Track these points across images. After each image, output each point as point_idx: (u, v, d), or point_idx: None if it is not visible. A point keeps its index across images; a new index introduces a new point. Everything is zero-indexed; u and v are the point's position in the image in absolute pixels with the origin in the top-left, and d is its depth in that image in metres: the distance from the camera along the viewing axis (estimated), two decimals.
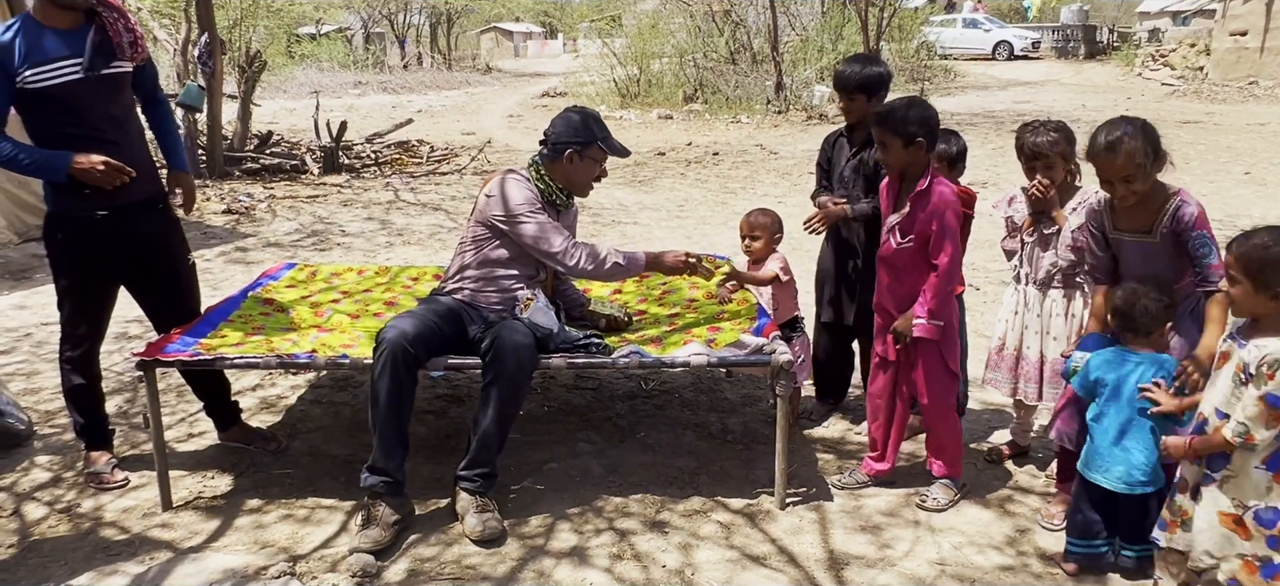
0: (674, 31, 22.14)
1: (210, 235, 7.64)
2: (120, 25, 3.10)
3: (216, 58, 9.49)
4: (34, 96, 2.95)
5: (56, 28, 2.98)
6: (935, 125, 2.95)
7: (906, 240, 2.96)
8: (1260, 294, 2.21)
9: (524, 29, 53.47)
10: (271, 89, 24.44)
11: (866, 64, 3.52)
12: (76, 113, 3.01)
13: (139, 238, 3.23)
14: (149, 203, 3.28)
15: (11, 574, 2.75)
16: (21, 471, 3.44)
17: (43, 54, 2.93)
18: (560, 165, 3.23)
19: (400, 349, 2.83)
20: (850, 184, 3.57)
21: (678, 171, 11.03)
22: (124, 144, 3.14)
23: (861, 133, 3.55)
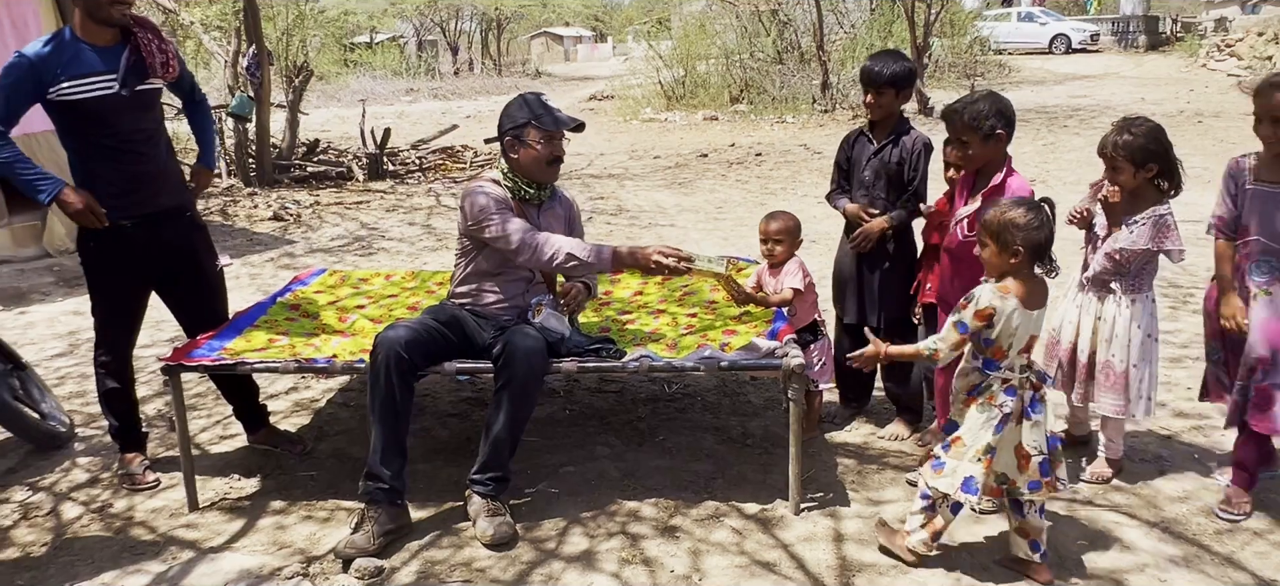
0: (720, 32, 22.08)
1: (257, 241, 7.84)
2: (154, 45, 3.21)
3: (264, 69, 9.74)
4: (69, 108, 3.07)
5: (94, 44, 3.09)
6: (1012, 115, 2.94)
7: (974, 233, 2.91)
8: (1002, 254, 2.51)
9: (574, 33, 53.80)
10: (325, 97, 24.99)
11: (895, 59, 3.45)
12: (109, 125, 3.12)
13: (166, 245, 3.33)
14: (176, 212, 3.38)
15: (42, 571, 2.85)
16: (61, 472, 3.57)
17: (80, 68, 3.04)
18: (512, 159, 3.20)
19: (393, 356, 2.85)
20: (871, 185, 3.51)
21: (719, 173, 10.99)
22: (151, 155, 3.26)
23: (884, 130, 3.50)
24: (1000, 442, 2.56)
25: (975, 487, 2.56)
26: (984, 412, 2.57)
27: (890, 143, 3.48)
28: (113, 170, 3.15)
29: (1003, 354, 2.55)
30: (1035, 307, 2.54)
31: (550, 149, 3.15)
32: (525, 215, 3.20)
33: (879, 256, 3.52)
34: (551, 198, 3.31)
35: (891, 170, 3.48)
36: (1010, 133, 2.98)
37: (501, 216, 3.10)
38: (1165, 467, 3.32)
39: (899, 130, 3.49)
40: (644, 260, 3.04)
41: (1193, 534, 2.89)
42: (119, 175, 3.16)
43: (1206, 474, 3.26)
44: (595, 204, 9.17)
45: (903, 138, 3.47)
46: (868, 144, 3.57)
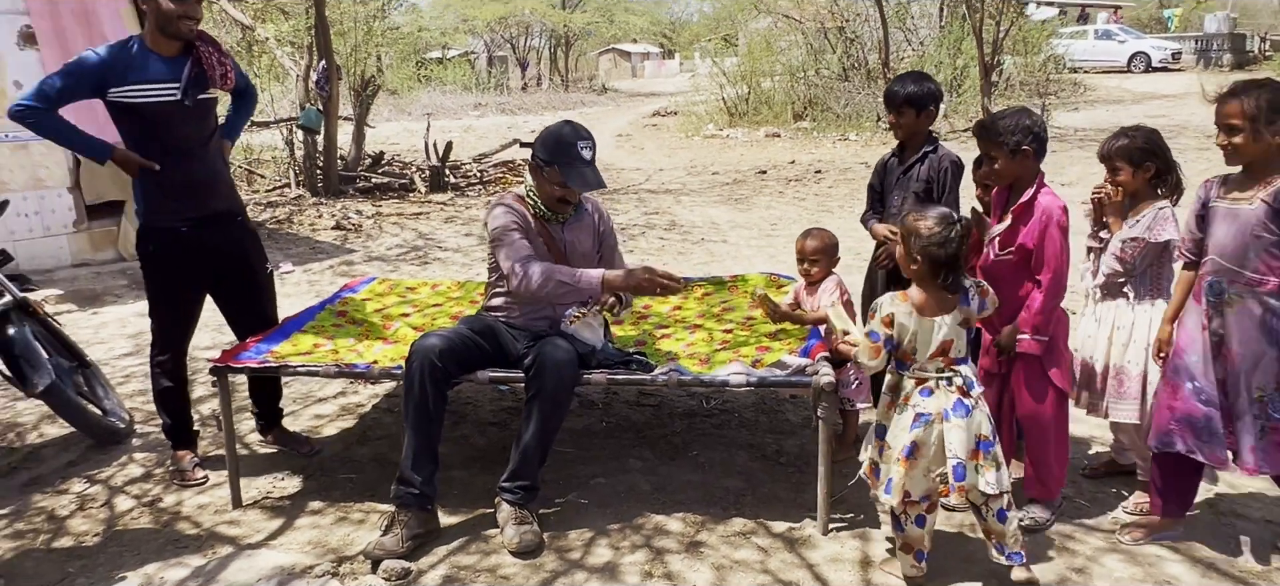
0: (786, 49, 22.01)
1: (319, 249, 8.07)
2: (214, 58, 3.37)
3: (333, 83, 10.04)
4: (130, 110, 3.25)
5: (161, 54, 3.27)
6: (1041, 133, 2.91)
7: (1005, 252, 2.92)
8: (904, 258, 2.63)
9: (641, 49, 54.15)
10: (396, 111, 25.61)
11: (915, 80, 3.47)
12: (167, 129, 3.29)
13: (218, 248, 3.48)
14: (228, 215, 3.53)
15: (92, 559, 2.98)
16: (118, 466, 3.72)
17: (145, 74, 3.23)
18: (537, 180, 3.23)
19: (428, 364, 2.91)
20: (899, 207, 3.49)
21: (776, 190, 10.94)
22: (204, 158, 3.42)
23: (911, 150, 3.50)
24: (924, 443, 2.58)
25: (892, 489, 2.62)
26: (902, 414, 2.64)
27: (918, 162, 3.48)
28: (171, 174, 3.31)
29: (910, 357, 2.62)
30: (933, 314, 2.59)
31: (565, 193, 3.19)
32: (546, 231, 3.24)
33: (897, 275, 3.48)
34: (577, 213, 3.34)
35: (919, 189, 3.46)
36: (1038, 150, 2.91)
37: (508, 239, 3.14)
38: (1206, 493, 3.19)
39: (927, 150, 3.48)
40: (635, 281, 3.09)
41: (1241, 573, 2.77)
42: (177, 179, 3.32)
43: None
44: (649, 219, 9.21)
45: (930, 156, 3.46)
46: (896, 165, 3.58)
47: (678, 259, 7.40)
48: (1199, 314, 2.74)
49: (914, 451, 2.60)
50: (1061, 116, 17.32)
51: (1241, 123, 2.57)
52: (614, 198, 10.58)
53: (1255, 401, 2.66)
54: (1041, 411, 2.98)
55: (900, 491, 2.61)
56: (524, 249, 3.12)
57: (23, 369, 3.61)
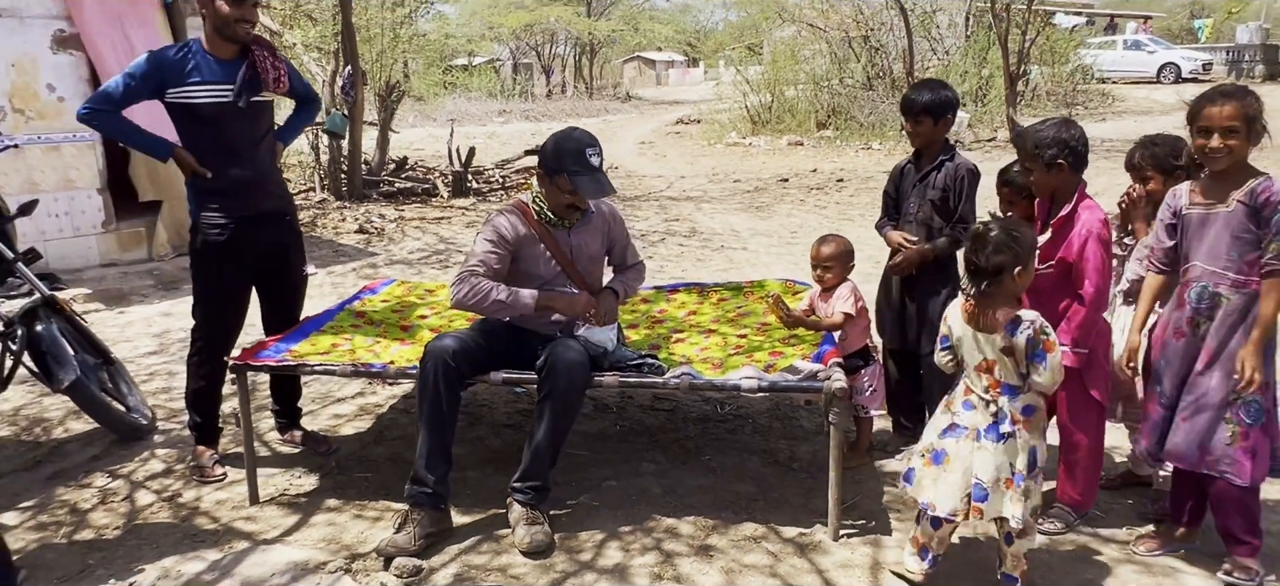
0: (809, 58, 21.97)
1: (342, 253, 8.16)
2: (269, 62, 3.46)
3: (358, 88, 10.15)
4: (188, 109, 3.33)
5: (218, 56, 3.36)
6: (1078, 146, 2.90)
7: (1046, 266, 2.92)
8: None
9: (666, 58, 54.28)
10: (422, 116, 25.84)
11: (932, 89, 3.48)
12: (221, 129, 3.37)
13: (267, 245, 3.55)
14: (277, 215, 3.60)
15: (112, 552, 3.03)
16: (139, 461, 3.78)
17: (203, 76, 3.31)
18: (546, 188, 3.24)
19: (441, 365, 2.95)
20: (915, 214, 3.50)
21: (797, 198, 10.92)
22: (255, 159, 3.49)
23: (928, 159, 3.51)
24: (953, 456, 2.60)
25: (912, 479, 2.68)
26: (944, 416, 2.69)
27: (934, 170, 3.49)
28: (223, 172, 3.38)
29: (960, 364, 2.69)
30: (976, 327, 2.59)
31: (574, 200, 3.19)
32: (550, 238, 3.25)
33: (920, 283, 3.51)
34: (584, 218, 3.33)
35: (935, 197, 3.48)
36: (1075, 163, 2.91)
37: (477, 246, 3.17)
38: None
39: (943, 158, 3.49)
40: (564, 304, 3.19)
41: None
42: (228, 177, 3.39)
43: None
44: (669, 226, 9.23)
45: (947, 165, 3.47)
46: (913, 173, 3.59)
47: (697, 265, 7.41)
48: (1174, 320, 2.72)
49: (941, 459, 2.61)
50: (1088, 127, 17.13)
51: (1240, 125, 2.55)
52: (634, 204, 10.61)
53: (1233, 403, 2.61)
54: (1078, 423, 2.98)
55: (922, 488, 2.63)
56: (479, 264, 3.12)
57: (49, 365, 3.69)
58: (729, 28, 35.85)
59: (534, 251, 3.22)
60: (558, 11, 38.02)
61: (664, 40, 47.31)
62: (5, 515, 3.32)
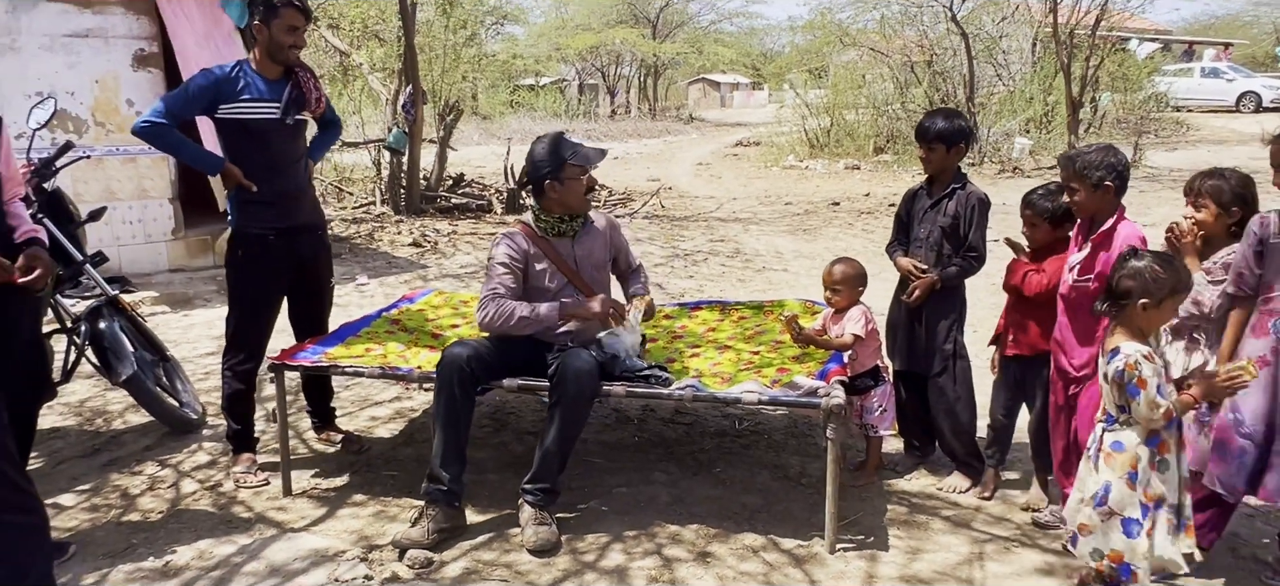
0: (872, 82, 21.88)
1: (396, 264, 8.47)
2: (310, 84, 3.72)
3: (418, 107, 10.53)
4: (235, 124, 3.58)
5: (265, 76, 3.61)
6: (1123, 170, 3.00)
7: (1085, 279, 3.01)
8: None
9: (731, 80, 54.40)
10: (486, 134, 26.40)
11: (946, 117, 3.58)
12: (266, 144, 3.62)
13: (300, 256, 3.78)
14: (311, 227, 3.84)
15: (154, 533, 3.28)
16: (188, 452, 4.05)
17: (252, 93, 3.57)
18: (547, 197, 3.40)
19: (456, 370, 3.12)
20: (924, 240, 3.58)
21: (846, 222, 10.93)
22: (293, 174, 3.74)
23: (940, 186, 3.58)
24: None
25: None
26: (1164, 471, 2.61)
27: (946, 197, 3.57)
28: (264, 185, 3.62)
29: None
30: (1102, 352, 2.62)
31: (587, 180, 3.39)
32: (559, 249, 3.42)
33: (928, 307, 3.57)
34: (585, 227, 3.49)
35: (946, 225, 3.55)
36: (1120, 186, 2.99)
37: (491, 271, 3.37)
38: None
39: (954, 186, 3.56)
40: (585, 311, 3.31)
41: None
42: (269, 190, 3.64)
43: None
44: (713, 246, 9.34)
45: (958, 192, 3.54)
46: (925, 198, 3.66)
47: (737, 285, 7.51)
48: (1254, 348, 2.74)
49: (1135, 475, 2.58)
50: (1157, 156, 16.75)
51: None
52: (682, 225, 10.75)
53: None
54: None
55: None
56: (499, 286, 3.32)
57: (109, 359, 3.98)
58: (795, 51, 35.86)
59: (539, 267, 3.40)
60: (623, 34, 38.51)
61: (727, 63, 47.49)
62: (63, 496, 3.59)
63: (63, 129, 6.91)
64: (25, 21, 6.85)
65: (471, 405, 3.21)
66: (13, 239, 2.94)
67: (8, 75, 6.72)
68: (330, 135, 4.07)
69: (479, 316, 3.33)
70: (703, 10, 42.96)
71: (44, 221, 3.81)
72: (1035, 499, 3.43)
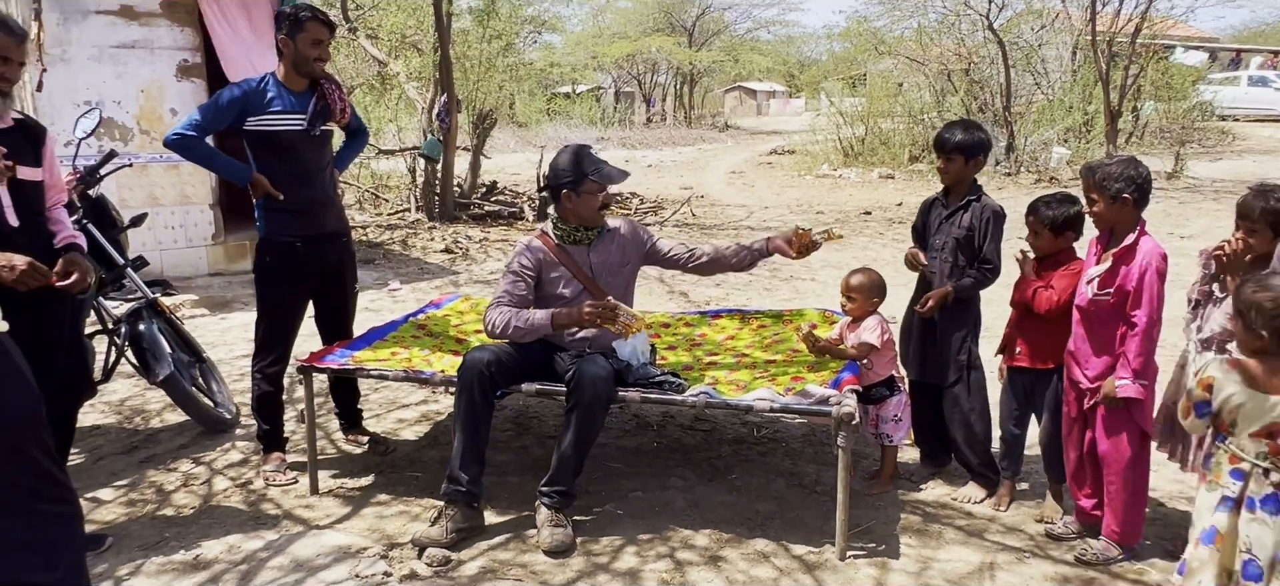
0: (909, 89, 21.76)
1: (427, 270, 8.62)
2: (336, 95, 3.84)
3: (453, 116, 10.71)
4: (264, 136, 3.70)
5: (292, 89, 3.74)
6: (1143, 184, 3.00)
7: (1104, 292, 3.02)
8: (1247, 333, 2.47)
9: (767, 88, 54.31)
10: (523, 142, 26.65)
11: (965, 129, 3.61)
12: (293, 154, 3.74)
13: (326, 262, 3.90)
14: (336, 235, 3.96)
15: (185, 527, 3.40)
16: (221, 451, 4.19)
17: (279, 106, 3.69)
18: (563, 207, 3.48)
19: (476, 374, 3.21)
20: (939, 251, 3.62)
21: (877, 231, 10.90)
22: (321, 183, 3.86)
23: (956, 196, 3.62)
24: (1224, 530, 2.46)
25: (1185, 571, 2.55)
26: (1210, 493, 2.53)
27: (961, 209, 3.60)
28: (292, 194, 3.75)
29: (1227, 428, 2.50)
30: (1271, 391, 2.40)
31: (604, 197, 3.48)
32: (575, 258, 3.50)
33: (943, 318, 3.60)
34: (602, 235, 3.57)
35: (960, 235, 3.58)
36: (1139, 199, 3.00)
37: (505, 279, 3.47)
38: None
39: (970, 197, 3.60)
40: (575, 318, 3.32)
41: None
42: (297, 198, 3.76)
43: None
44: None
45: (974, 204, 3.57)
46: (941, 209, 3.70)
47: (763, 294, 7.54)
48: None
49: (1212, 537, 2.49)
50: (1199, 166, 16.45)
51: None
52: (711, 233, 10.80)
53: None
54: (1122, 453, 3.04)
55: (1195, 577, 2.50)
56: (505, 294, 3.42)
57: (148, 360, 4.13)
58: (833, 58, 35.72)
59: (556, 275, 3.48)
60: (659, 42, 38.65)
61: (763, 71, 47.41)
62: (103, 490, 3.74)
63: (109, 137, 7.16)
64: (75, 33, 7.10)
65: (491, 408, 3.30)
66: (53, 243, 3.09)
67: (58, 85, 6.97)
68: (357, 143, 4.20)
69: (484, 321, 3.43)
70: (739, 18, 42.94)
71: (88, 227, 4.00)
72: (1050, 510, 3.44)
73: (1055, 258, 3.35)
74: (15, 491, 1.84)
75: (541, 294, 3.51)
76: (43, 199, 3.11)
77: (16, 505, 1.84)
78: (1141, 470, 3.07)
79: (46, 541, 1.88)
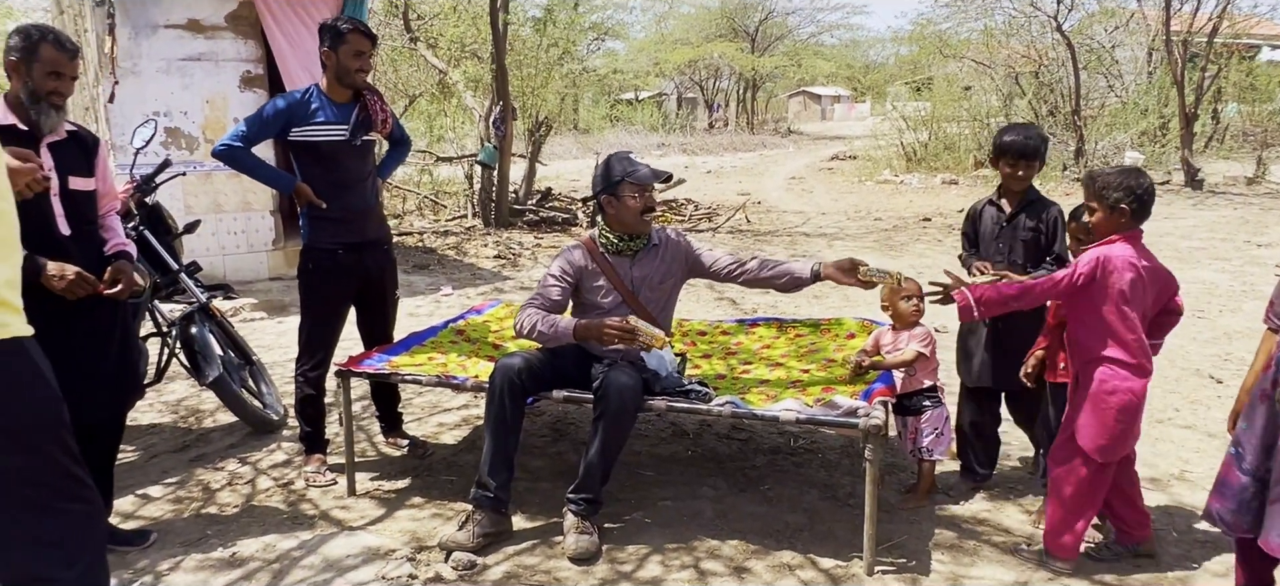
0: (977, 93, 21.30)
1: (479, 275, 8.74)
2: (378, 106, 3.92)
3: (508, 123, 10.84)
4: (308, 146, 3.81)
5: (335, 100, 3.83)
6: (1142, 195, 2.93)
7: None
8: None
9: (832, 92, 53.80)
10: (584, 149, 26.88)
11: (1030, 133, 3.63)
12: (335, 163, 3.83)
13: (366, 269, 3.98)
14: (378, 242, 4.04)
15: (227, 526, 3.51)
16: (267, 451, 4.30)
17: (322, 117, 3.79)
18: (607, 214, 3.49)
19: (507, 380, 3.24)
20: (1005, 255, 3.62)
21: (935, 238, 10.69)
22: (362, 192, 3.94)
23: (1014, 201, 3.63)
24: None
25: None
26: None
27: (1022, 212, 3.58)
28: (335, 202, 3.84)
29: None
30: None
31: (645, 200, 3.44)
32: (618, 268, 3.49)
33: (1014, 318, 3.49)
34: (646, 248, 3.54)
35: (1027, 237, 3.56)
36: (1137, 210, 2.92)
37: (541, 284, 3.48)
38: None
39: (1030, 199, 3.59)
40: (596, 332, 3.25)
41: None
42: (339, 206, 3.85)
43: None
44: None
45: (1037, 207, 3.58)
46: (998, 212, 3.66)
47: (812, 303, 7.45)
48: (1263, 381, 2.61)
49: None
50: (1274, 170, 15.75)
51: None
52: (765, 240, 10.72)
53: None
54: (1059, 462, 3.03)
55: None
56: (539, 297, 3.44)
57: (199, 362, 4.27)
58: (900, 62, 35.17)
59: (596, 283, 3.49)
60: (721, 47, 38.60)
61: (827, 76, 46.94)
62: (152, 488, 3.88)
63: (176, 146, 7.44)
64: (145, 47, 7.40)
65: (521, 415, 3.33)
66: (104, 251, 3.22)
67: (129, 97, 7.27)
68: (400, 153, 4.28)
69: (515, 321, 3.46)
70: (802, 23, 42.72)
71: (144, 233, 4.16)
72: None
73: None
74: (36, 489, 1.92)
75: (580, 301, 3.53)
76: (95, 208, 3.24)
77: (36, 502, 1.92)
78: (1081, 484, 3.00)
79: (67, 539, 1.96)
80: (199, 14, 7.57)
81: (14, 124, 2.96)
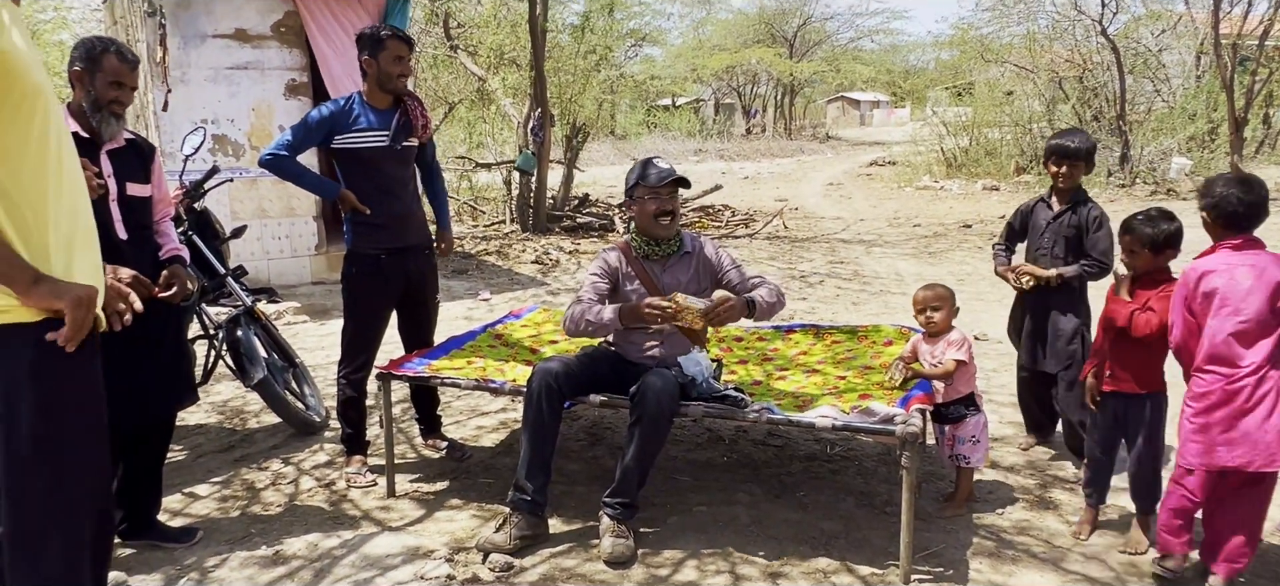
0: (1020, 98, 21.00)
1: (517, 281, 8.82)
2: (418, 112, 3.99)
3: (546, 130, 10.93)
4: (350, 153, 3.88)
5: (376, 107, 3.90)
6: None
7: None
8: None
9: (871, 98, 53.33)
10: (621, 155, 26.96)
11: (1081, 137, 3.95)
12: (377, 169, 3.90)
13: (408, 274, 4.04)
14: (419, 247, 4.11)
15: (270, 524, 3.58)
16: (309, 452, 4.39)
17: (364, 123, 3.86)
18: (634, 219, 3.57)
19: (545, 385, 3.27)
20: (1051, 248, 3.94)
21: (976, 245, 10.57)
22: (404, 197, 4.01)
23: (1065, 198, 3.94)
24: None
25: None
26: None
27: (1068, 210, 3.90)
28: (377, 208, 3.91)
29: None
30: None
31: (658, 204, 3.47)
32: (648, 272, 3.53)
33: (1053, 306, 3.90)
34: (677, 254, 3.57)
35: (1069, 234, 3.90)
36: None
37: (586, 281, 3.55)
38: None
39: (1076, 199, 3.91)
40: (638, 312, 3.33)
41: None
42: (382, 212, 3.92)
43: None
44: (833, 268, 9.24)
45: (1079, 207, 3.91)
46: (1048, 210, 3.98)
47: (850, 309, 7.42)
48: None
49: None
50: None
51: None
52: (803, 246, 10.68)
53: None
54: None
55: None
56: (587, 291, 3.52)
57: (244, 364, 4.37)
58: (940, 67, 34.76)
59: (631, 286, 3.54)
60: (759, 53, 38.46)
61: (865, 81, 46.56)
62: (199, 486, 3.98)
63: (223, 153, 7.61)
64: (194, 56, 7.59)
65: (558, 419, 3.36)
66: (159, 255, 3.31)
67: (178, 105, 7.46)
68: (439, 186, 4.30)
69: (563, 319, 3.54)
70: (841, 28, 42.43)
71: (192, 238, 4.27)
72: (1135, 541, 3.27)
73: (1152, 276, 3.21)
74: None
75: (613, 300, 3.59)
76: (151, 214, 3.34)
77: None
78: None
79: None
80: (246, 23, 7.74)
81: (76, 131, 3.06)
